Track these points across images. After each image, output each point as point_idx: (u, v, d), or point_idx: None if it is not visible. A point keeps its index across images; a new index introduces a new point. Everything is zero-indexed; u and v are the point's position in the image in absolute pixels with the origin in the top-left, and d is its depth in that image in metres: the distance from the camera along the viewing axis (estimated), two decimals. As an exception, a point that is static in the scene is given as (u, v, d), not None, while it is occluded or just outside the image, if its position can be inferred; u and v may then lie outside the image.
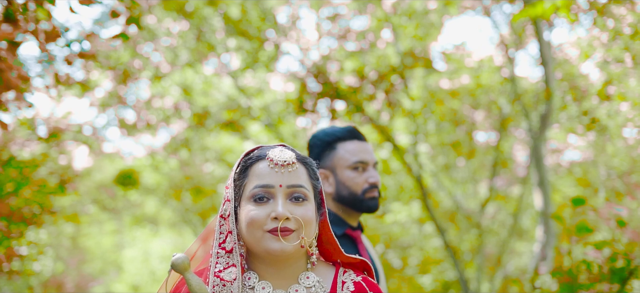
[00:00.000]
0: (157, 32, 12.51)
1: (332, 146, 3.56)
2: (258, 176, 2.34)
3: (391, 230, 13.80)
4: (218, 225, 2.35)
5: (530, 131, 10.25)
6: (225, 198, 2.37)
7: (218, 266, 2.30)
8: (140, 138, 15.54)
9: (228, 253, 2.32)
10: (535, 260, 9.81)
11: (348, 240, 3.56)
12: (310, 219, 2.33)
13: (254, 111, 12.37)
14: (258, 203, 2.31)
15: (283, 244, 2.27)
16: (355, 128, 3.60)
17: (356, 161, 3.52)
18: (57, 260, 18.72)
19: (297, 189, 2.33)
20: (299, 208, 2.32)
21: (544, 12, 7.73)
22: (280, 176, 2.33)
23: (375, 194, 3.53)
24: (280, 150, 2.37)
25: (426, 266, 13.34)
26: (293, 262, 2.35)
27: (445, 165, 12.89)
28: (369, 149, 3.58)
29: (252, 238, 2.30)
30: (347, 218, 3.57)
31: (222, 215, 2.36)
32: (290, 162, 2.35)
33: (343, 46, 11.82)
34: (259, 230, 2.29)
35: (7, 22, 6.44)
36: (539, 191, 9.99)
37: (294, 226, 2.30)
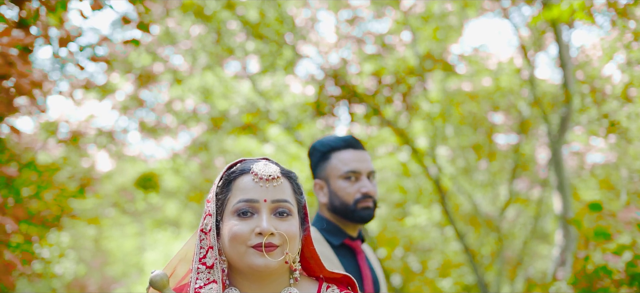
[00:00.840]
0: (176, 35, 12.54)
1: (327, 155, 3.52)
2: (242, 191, 2.29)
3: (411, 233, 13.73)
4: (198, 239, 2.31)
5: (549, 134, 10.15)
6: (206, 212, 2.32)
7: (198, 282, 2.26)
8: (162, 141, 15.60)
9: (209, 269, 2.28)
10: (554, 265, 9.72)
11: (347, 250, 3.51)
12: (295, 234, 2.29)
13: (272, 114, 12.35)
14: (242, 218, 2.26)
15: (267, 260, 2.23)
16: (352, 138, 3.54)
17: (348, 171, 3.47)
18: (80, 262, 18.81)
19: (281, 204, 2.29)
20: (284, 223, 2.28)
21: (560, 14, 7.65)
22: (264, 190, 2.28)
23: (368, 204, 3.46)
24: (264, 164, 2.33)
25: (446, 269, 13.26)
26: (276, 277, 2.31)
27: (464, 168, 12.80)
28: (364, 158, 3.51)
29: (235, 254, 2.26)
30: (345, 228, 3.52)
31: (202, 229, 2.31)
32: (274, 176, 2.31)
33: (362, 49, 11.78)
34: (242, 245, 2.24)
35: (20, 27, 6.46)
36: (558, 194, 9.89)
37: (278, 241, 2.25)
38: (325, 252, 3.43)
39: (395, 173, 13.40)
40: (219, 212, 2.32)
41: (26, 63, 6.12)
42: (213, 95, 13.10)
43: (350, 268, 3.45)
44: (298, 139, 12.54)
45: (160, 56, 12.96)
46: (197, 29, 12.40)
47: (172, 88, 13.77)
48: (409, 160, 12.41)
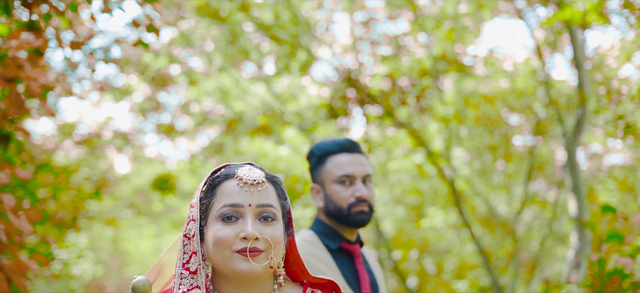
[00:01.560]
0: (191, 37, 12.58)
1: (322, 160, 3.51)
2: (226, 195, 2.28)
3: (427, 235, 13.69)
4: (182, 245, 2.30)
5: (564, 135, 10.08)
6: (190, 218, 2.31)
7: (182, 287, 2.25)
8: (178, 143, 15.65)
9: (192, 274, 2.27)
10: (569, 267, 9.65)
11: (344, 254, 3.50)
12: (279, 239, 2.28)
13: (287, 116, 12.35)
14: (226, 223, 2.25)
15: (252, 264, 2.22)
16: (348, 141, 3.52)
17: (342, 175, 3.45)
18: (98, 263, 18.91)
19: (266, 209, 2.28)
20: (268, 228, 2.27)
21: (573, 15, 7.60)
22: (249, 195, 2.27)
23: (362, 208, 3.43)
24: (249, 169, 2.32)
25: (462, 271, 13.21)
26: (260, 282, 2.30)
27: (481, 170, 12.75)
28: (359, 162, 3.48)
29: (220, 259, 2.25)
30: (343, 232, 3.51)
31: (186, 234, 2.31)
32: (259, 181, 2.30)
33: (376, 51, 11.76)
34: (227, 250, 2.23)
35: (30, 31, 6.49)
36: (573, 196, 9.81)
37: (263, 246, 2.24)
38: (322, 256, 3.42)
39: (411, 175, 13.37)
40: (202, 217, 2.31)
41: (36, 66, 6.15)
42: (229, 97, 13.13)
43: (347, 272, 3.44)
44: (314, 141, 12.54)
45: (177, 58, 13.01)
46: (212, 30, 12.43)
47: (188, 90, 13.82)
48: (425, 162, 12.38)
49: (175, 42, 12.87)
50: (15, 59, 5.80)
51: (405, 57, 11.51)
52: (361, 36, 11.93)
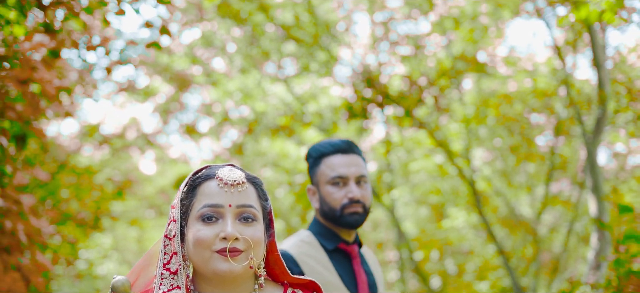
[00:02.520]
0: (213, 38, 12.64)
1: (317, 161, 3.52)
2: (207, 196, 2.29)
3: (448, 235, 13.65)
4: (163, 245, 2.32)
5: (584, 135, 10.00)
6: (171, 218, 2.33)
7: (162, 287, 2.27)
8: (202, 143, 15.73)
9: (173, 275, 2.28)
10: (589, 268, 9.57)
11: (341, 255, 3.50)
12: (259, 240, 2.29)
13: (307, 116, 12.37)
14: (206, 223, 2.27)
15: (231, 265, 2.23)
16: (343, 142, 3.52)
17: (335, 177, 3.45)
18: (123, 263, 19.03)
19: (246, 209, 2.29)
20: (248, 228, 2.28)
21: (589, 14, 7.54)
22: (229, 195, 2.29)
23: (356, 209, 3.43)
24: (229, 170, 2.33)
25: (484, 272, 13.15)
26: (240, 282, 2.31)
27: (502, 170, 12.68)
28: (353, 162, 3.47)
29: (200, 259, 2.26)
30: (340, 232, 3.51)
31: (167, 235, 2.32)
32: (239, 182, 2.31)
33: (396, 51, 11.74)
34: (207, 250, 2.25)
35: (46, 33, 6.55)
36: (593, 196, 9.74)
37: (243, 246, 2.25)
38: (318, 256, 3.43)
39: (432, 176, 13.33)
40: (183, 218, 2.33)
41: (50, 68, 6.20)
42: (251, 98, 13.17)
43: (344, 272, 3.45)
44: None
45: (200, 59, 13.08)
46: (233, 32, 12.48)
47: (211, 91, 13.88)
48: (445, 162, 12.34)
49: (197, 44, 12.95)
50: (29, 60, 5.85)
51: (424, 57, 11.48)
52: (381, 36, 11.92)
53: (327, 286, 3.34)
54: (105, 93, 12.87)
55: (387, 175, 13.18)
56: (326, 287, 3.33)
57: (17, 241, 6.80)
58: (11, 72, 5.95)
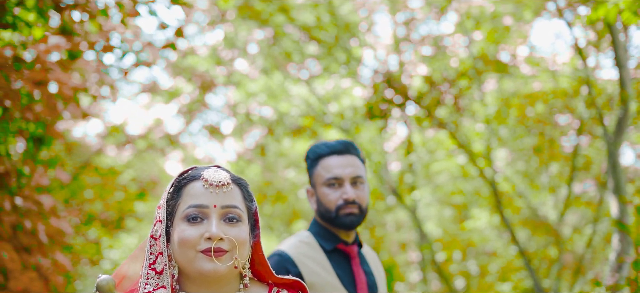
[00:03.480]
0: (235, 39, 12.69)
1: (314, 163, 3.54)
2: (192, 196, 2.32)
3: (471, 236, 13.60)
4: (148, 245, 2.34)
5: (605, 136, 9.92)
6: (157, 219, 2.35)
7: (147, 287, 2.29)
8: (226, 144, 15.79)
9: (158, 275, 2.31)
10: (610, 269, 9.49)
11: (340, 255, 3.52)
12: (244, 240, 2.31)
13: (328, 117, 12.38)
14: (191, 223, 2.29)
15: (216, 264, 2.25)
16: (340, 143, 3.53)
17: (330, 178, 3.47)
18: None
19: (231, 209, 2.31)
20: (233, 228, 2.30)
21: (607, 13, 7.48)
22: (214, 196, 2.31)
23: (351, 210, 3.44)
24: (214, 170, 2.36)
25: (506, 273, 13.09)
26: (225, 283, 2.33)
27: (524, 171, 12.61)
28: (348, 163, 3.49)
29: (185, 259, 2.29)
30: (338, 233, 3.52)
31: (152, 235, 2.35)
32: (224, 182, 2.33)
33: (418, 51, 11.73)
34: (191, 250, 2.27)
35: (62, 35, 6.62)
36: (614, 197, 9.65)
37: (228, 247, 2.28)
38: (317, 257, 3.45)
39: (454, 176, 13.30)
40: (169, 218, 2.35)
41: (66, 69, 6.26)
42: (275, 98, 13.22)
43: (342, 273, 3.46)
44: (355, 141, 12.55)
45: (223, 59, 13.14)
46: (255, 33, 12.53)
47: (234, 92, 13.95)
48: (467, 163, 12.30)
49: (220, 45, 13.01)
50: (44, 62, 5.91)
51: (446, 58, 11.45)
52: (403, 37, 11.91)
53: (325, 286, 3.36)
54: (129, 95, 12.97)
55: (409, 176, 13.17)
56: (324, 288, 3.35)
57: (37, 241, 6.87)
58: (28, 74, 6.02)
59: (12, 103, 6.20)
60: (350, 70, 11.71)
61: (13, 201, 6.68)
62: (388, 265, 15.00)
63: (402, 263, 15.79)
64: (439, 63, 11.29)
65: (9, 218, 6.57)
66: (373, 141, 13.08)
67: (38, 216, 6.86)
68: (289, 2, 11.44)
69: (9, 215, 6.59)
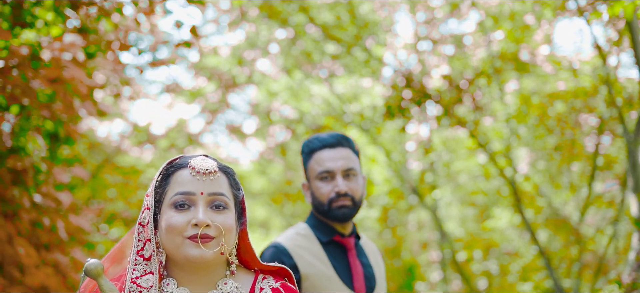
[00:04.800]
0: (256, 39, 12.76)
1: (308, 157, 3.59)
2: (179, 184, 2.36)
3: (491, 236, 13.56)
4: (136, 232, 2.39)
5: (625, 134, 9.85)
6: (145, 206, 2.40)
7: (135, 272, 2.33)
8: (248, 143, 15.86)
9: (146, 261, 2.35)
10: (630, 269, 9.43)
11: (337, 247, 3.54)
12: (230, 227, 2.35)
13: (348, 116, 12.40)
14: (179, 210, 2.33)
15: (202, 250, 2.29)
16: (331, 136, 3.56)
17: (322, 171, 3.51)
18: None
19: (217, 197, 2.35)
20: (220, 215, 2.34)
21: (625, 9, 7.43)
22: (201, 184, 2.35)
23: (343, 203, 3.47)
24: (202, 159, 2.40)
25: (527, 273, 13.03)
26: (212, 269, 2.37)
27: (545, 170, 12.55)
28: (341, 156, 3.51)
29: (172, 245, 2.32)
30: (335, 225, 3.55)
31: (140, 222, 2.39)
32: (211, 170, 2.37)
33: (438, 50, 11.71)
34: (178, 236, 2.31)
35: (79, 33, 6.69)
36: (634, 197, 9.58)
37: (214, 233, 2.31)
38: (313, 248, 3.48)
39: (475, 176, 13.26)
40: (157, 205, 2.39)
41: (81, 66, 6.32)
42: (297, 98, 13.27)
43: (338, 264, 3.49)
44: (376, 141, 12.58)
45: (245, 59, 13.21)
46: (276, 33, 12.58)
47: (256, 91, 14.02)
48: (488, 162, 12.27)
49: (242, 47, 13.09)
50: (59, 59, 5.98)
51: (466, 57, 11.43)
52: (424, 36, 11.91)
53: (321, 278, 3.39)
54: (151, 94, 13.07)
55: (430, 175, 13.16)
56: (320, 279, 3.38)
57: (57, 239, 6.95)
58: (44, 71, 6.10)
59: (29, 101, 6.28)
60: (370, 69, 11.72)
61: (32, 199, 6.77)
62: (409, 265, 15.00)
63: (424, 262, 15.78)
64: (459, 62, 11.28)
65: (28, 215, 6.65)
66: (394, 141, 13.08)
67: (57, 213, 6.94)
68: (309, 1, 11.48)
69: (28, 212, 6.67)
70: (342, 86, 12.97)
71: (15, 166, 6.55)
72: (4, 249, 6.15)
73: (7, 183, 6.43)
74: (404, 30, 16.17)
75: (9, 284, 6.27)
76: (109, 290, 2.22)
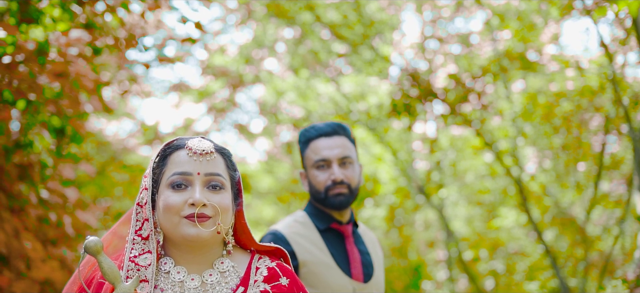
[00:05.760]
0: (263, 38, 12.79)
1: (305, 146, 3.64)
2: (177, 164, 2.40)
3: (498, 235, 13.56)
4: (134, 213, 2.42)
5: (630, 132, 9.85)
6: (143, 187, 2.43)
7: (133, 251, 2.37)
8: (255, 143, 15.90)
9: (144, 240, 2.38)
10: (635, 267, 9.43)
11: (334, 234, 3.58)
12: (227, 207, 2.38)
13: (354, 115, 12.43)
14: (176, 190, 2.37)
15: (199, 229, 2.33)
16: (327, 126, 3.61)
17: (318, 160, 3.56)
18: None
19: (214, 177, 2.39)
20: (216, 195, 2.37)
21: (629, 6, 7.45)
22: (198, 164, 2.39)
23: (340, 190, 3.52)
24: (198, 140, 2.44)
25: (534, 272, 13.02)
26: (209, 248, 2.41)
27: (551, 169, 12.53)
28: (336, 145, 3.56)
29: (169, 224, 2.36)
30: (332, 213, 3.59)
31: (139, 203, 2.43)
32: (208, 151, 2.41)
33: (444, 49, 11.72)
34: (176, 215, 2.35)
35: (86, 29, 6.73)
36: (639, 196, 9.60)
37: (211, 213, 2.35)
38: (311, 236, 3.52)
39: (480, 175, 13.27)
40: (155, 186, 2.42)
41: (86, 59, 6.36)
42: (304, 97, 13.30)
43: (336, 251, 3.53)
44: (382, 140, 12.59)
45: (252, 58, 13.25)
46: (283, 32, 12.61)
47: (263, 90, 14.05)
48: (494, 161, 12.28)
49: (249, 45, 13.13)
50: (64, 54, 6.03)
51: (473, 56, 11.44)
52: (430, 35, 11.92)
53: (318, 265, 3.43)
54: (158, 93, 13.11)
55: (436, 174, 13.17)
56: (318, 266, 3.42)
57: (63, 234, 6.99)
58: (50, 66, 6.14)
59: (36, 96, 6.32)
60: (377, 68, 11.74)
61: (39, 194, 6.81)
62: (416, 264, 15.01)
63: (430, 262, 15.79)
64: (465, 60, 11.29)
65: (35, 211, 6.69)
66: (400, 140, 13.10)
67: (63, 209, 6.98)
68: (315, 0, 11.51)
69: (35, 208, 6.71)
70: (349, 85, 13.00)
71: (22, 162, 6.60)
72: (11, 243, 6.19)
73: (13, 178, 6.47)
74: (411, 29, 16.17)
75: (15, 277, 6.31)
76: (108, 267, 2.25)
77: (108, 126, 13.69)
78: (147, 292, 2.31)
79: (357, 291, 3.51)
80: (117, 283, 2.25)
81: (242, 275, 2.44)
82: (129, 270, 2.33)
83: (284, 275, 2.46)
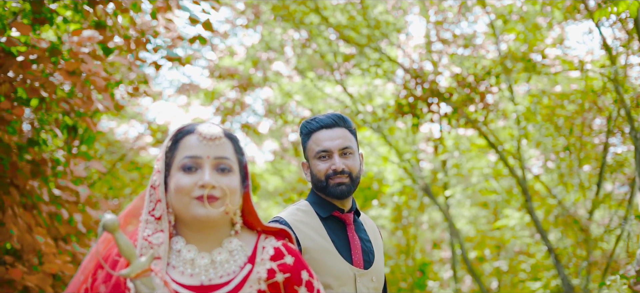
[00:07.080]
0: (271, 40, 12.92)
1: (307, 138, 3.77)
2: (187, 148, 2.56)
3: (502, 235, 13.65)
4: (148, 194, 2.58)
5: (631, 133, 9.95)
6: (156, 170, 2.59)
7: (147, 231, 2.53)
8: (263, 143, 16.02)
9: (157, 220, 2.54)
10: (637, 264, 9.50)
11: (336, 222, 3.72)
12: (235, 188, 2.55)
13: (360, 116, 12.53)
14: (187, 172, 2.53)
15: (209, 210, 2.48)
16: (328, 117, 3.73)
17: (320, 151, 3.68)
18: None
19: (223, 160, 2.55)
20: (225, 178, 2.54)
21: (629, 7, 7.54)
22: (208, 148, 2.55)
23: (341, 180, 3.65)
24: (208, 125, 2.60)
25: (538, 272, 13.11)
26: (218, 228, 2.57)
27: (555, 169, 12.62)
28: (336, 135, 3.69)
29: (180, 205, 2.52)
30: (334, 202, 3.73)
31: (152, 185, 2.59)
32: (217, 136, 2.57)
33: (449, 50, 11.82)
34: (186, 196, 2.51)
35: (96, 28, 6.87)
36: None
37: (219, 194, 2.51)
38: (312, 223, 3.64)
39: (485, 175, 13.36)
40: (167, 169, 2.58)
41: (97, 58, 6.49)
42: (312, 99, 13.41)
43: (337, 238, 3.65)
44: (388, 140, 12.70)
45: (260, 60, 13.37)
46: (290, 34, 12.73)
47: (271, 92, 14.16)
48: (498, 162, 12.37)
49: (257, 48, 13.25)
50: (76, 53, 6.17)
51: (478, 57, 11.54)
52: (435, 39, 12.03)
53: (320, 251, 3.56)
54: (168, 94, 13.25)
55: (441, 175, 13.27)
56: (319, 253, 3.56)
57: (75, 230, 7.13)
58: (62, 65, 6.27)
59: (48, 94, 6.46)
60: (383, 69, 11.86)
61: (51, 191, 6.95)
62: (421, 264, 15.10)
63: (437, 260, 15.87)
64: (469, 62, 11.39)
65: (47, 207, 6.83)
66: (406, 141, 13.21)
67: (75, 206, 7.11)
68: (322, 2, 11.64)
69: (47, 205, 6.85)
70: (355, 87, 13.12)
71: (34, 159, 6.73)
72: (24, 238, 6.32)
73: (26, 174, 6.60)
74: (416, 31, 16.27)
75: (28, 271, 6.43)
76: (125, 244, 2.39)
77: (118, 129, 13.84)
78: (161, 268, 2.47)
79: (357, 277, 3.63)
80: (133, 259, 2.39)
81: (249, 253, 2.61)
82: (142, 247, 2.49)
83: (289, 254, 2.64)
